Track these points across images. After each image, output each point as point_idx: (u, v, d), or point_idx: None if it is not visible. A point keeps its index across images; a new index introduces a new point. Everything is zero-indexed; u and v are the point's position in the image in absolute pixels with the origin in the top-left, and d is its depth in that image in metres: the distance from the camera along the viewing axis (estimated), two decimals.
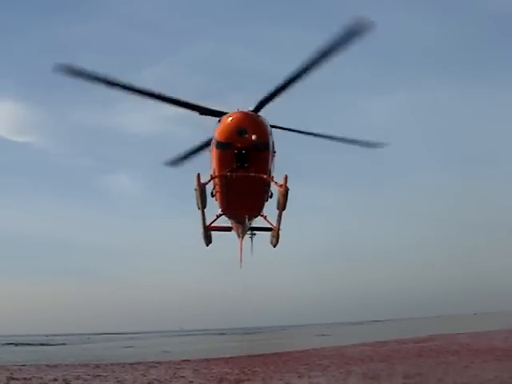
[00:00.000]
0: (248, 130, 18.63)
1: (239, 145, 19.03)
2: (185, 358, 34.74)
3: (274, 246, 22.89)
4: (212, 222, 22.66)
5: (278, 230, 22.07)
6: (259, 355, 36.16)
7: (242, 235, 29.68)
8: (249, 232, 29.54)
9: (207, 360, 33.14)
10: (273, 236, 22.53)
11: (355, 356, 30.42)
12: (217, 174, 20.30)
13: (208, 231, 22.82)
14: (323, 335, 76.04)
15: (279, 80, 18.39)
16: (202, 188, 20.25)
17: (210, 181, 20.46)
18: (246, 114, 18.80)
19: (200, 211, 21.23)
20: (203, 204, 20.78)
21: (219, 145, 19.38)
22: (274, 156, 21.28)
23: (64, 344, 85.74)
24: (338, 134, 21.89)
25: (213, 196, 21.28)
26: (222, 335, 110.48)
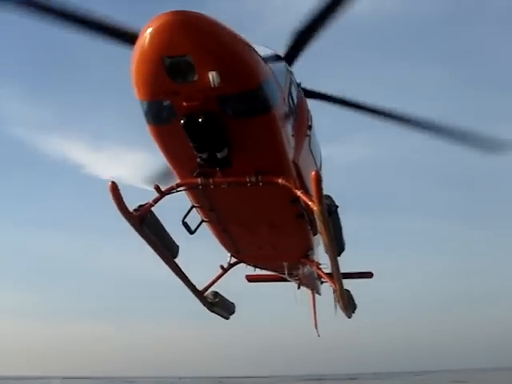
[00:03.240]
0: (193, 58, 8.24)
1: (185, 103, 8.84)
2: None
3: (349, 317, 15.83)
4: (219, 277, 14.22)
5: (341, 288, 13.57)
6: None
7: (310, 288, 19.34)
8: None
9: None
10: (336, 300, 14.76)
11: None
12: (176, 183, 10.69)
13: (204, 297, 14.09)
14: (459, 382, 71.88)
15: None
16: (135, 219, 10.49)
17: (158, 200, 10.61)
18: (181, 16, 8.08)
19: (165, 264, 12.05)
20: (160, 250, 11.46)
21: (145, 111, 9.37)
22: (306, 134, 11.76)
23: None
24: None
25: (192, 232, 11.51)
26: (354, 380, 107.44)
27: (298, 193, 10.21)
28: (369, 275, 18.33)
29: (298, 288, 17.59)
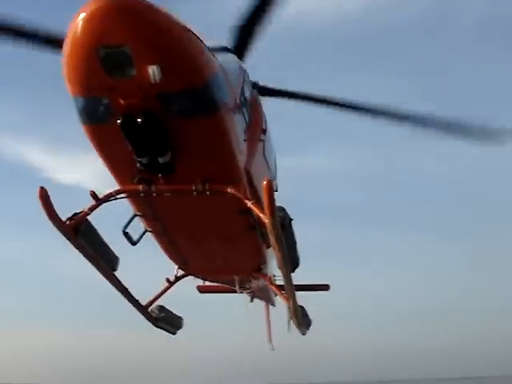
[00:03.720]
0: (131, 49, 7.24)
1: (122, 101, 7.83)
2: None
3: (303, 334, 14.89)
4: (165, 290, 13.21)
5: (294, 305, 12.66)
6: None
7: (264, 300, 18.27)
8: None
9: None
10: (289, 317, 13.67)
11: None
12: (115, 190, 9.69)
13: (148, 312, 13.07)
14: None
15: None
16: (68, 229, 9.51)
17: (94, 208, 9.63)
18: (116, 2, 7.06)
19: (104, 278, 11.18)
20: (97, 263, 10.55)
21: (79, 109, 8.28)
22: (259, 138, 10.88)
23: None
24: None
25: (134, 242, 10.60)
26: None
27: (249, 204, 9.31)
28: (325, 287, 17.75)
29: (251, 301, 16.91)
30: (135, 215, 10.63)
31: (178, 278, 13.44)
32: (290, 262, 10.31)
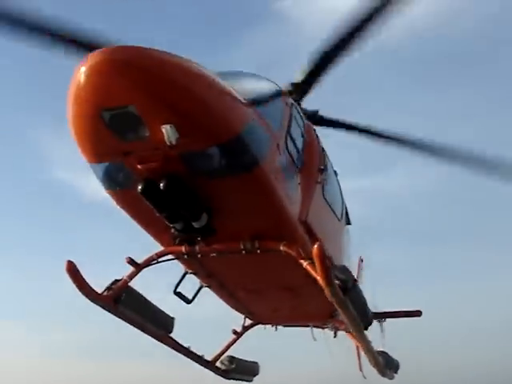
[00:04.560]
0: (137, 108, 6.19)
1: (139, 165, 6.94)
2: None
3: (390, 378, 14.54)
4: (232, 342, 12.55)
5: (374, 358, 12.24)
6: None
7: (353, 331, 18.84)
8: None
9: None
10: (371, 364, 12.84)
11: None
12: (156, 252, 8.90)
13: (216, 367, 12.39)
14: None
15: None
16: (106, 301, 8.84)
17: (134, 275, 8.94)
18: (117, 54, 6.03)
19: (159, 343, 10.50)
20: (148, 329, 9.90)
21: (97, 176, 7.47)
22: (317, 180, 9.56)
23: None
24: None
25: (189, 301, 9.94)
26: None
27: (305, 264, 8.08)
28: (417, 313, 16.45)
29: (335, 336, 15.34)
30: (186, 273, 9.80)
31: (246, 328, 12.62)
32: (361, 321, 9.17)
